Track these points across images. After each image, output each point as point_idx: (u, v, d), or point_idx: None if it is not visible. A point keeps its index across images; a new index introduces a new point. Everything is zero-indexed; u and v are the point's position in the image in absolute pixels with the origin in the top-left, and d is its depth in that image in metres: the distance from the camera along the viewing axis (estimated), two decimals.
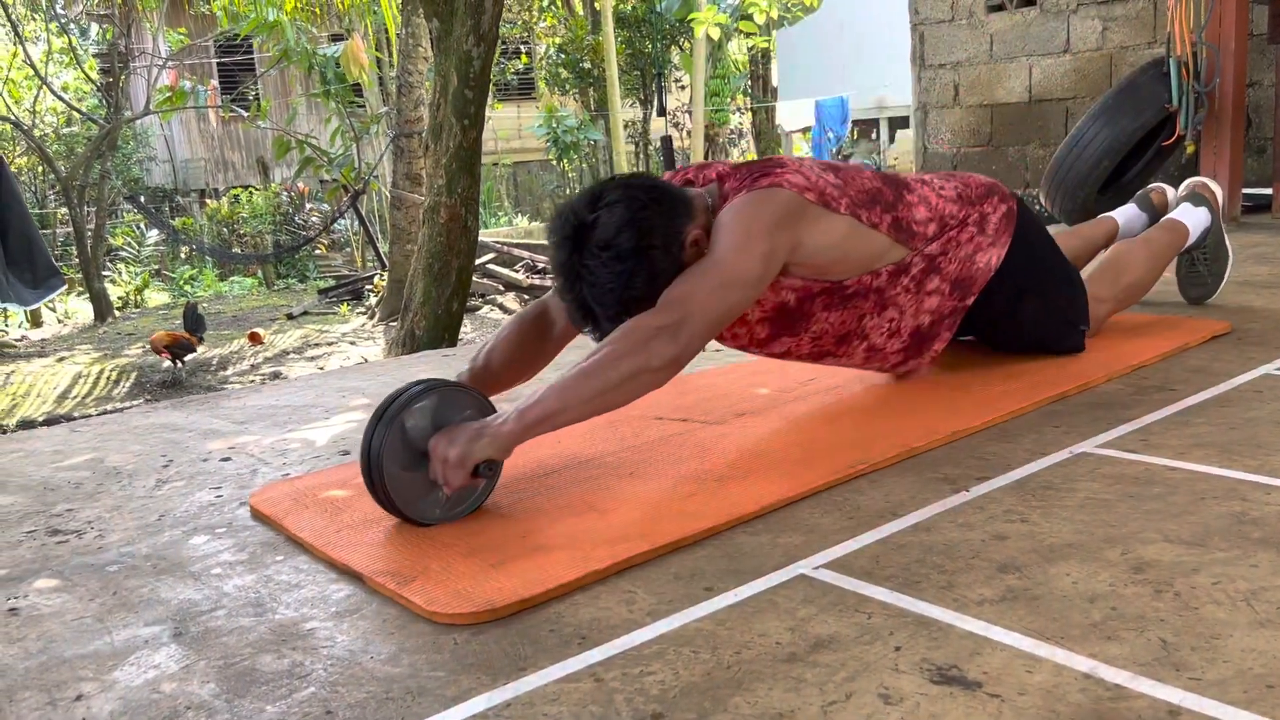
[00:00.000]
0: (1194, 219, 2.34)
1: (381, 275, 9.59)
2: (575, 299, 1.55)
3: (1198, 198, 2.37)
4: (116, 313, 11.05)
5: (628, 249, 1.50)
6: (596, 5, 14.12)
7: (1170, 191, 2.48)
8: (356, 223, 11.86)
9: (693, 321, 1.47)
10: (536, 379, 1.73)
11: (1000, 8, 5.15)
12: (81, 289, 11.33)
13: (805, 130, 16.86)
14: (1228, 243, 2.44)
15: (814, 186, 1.64)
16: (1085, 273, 2.17)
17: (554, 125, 14.20)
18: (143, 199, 13.78)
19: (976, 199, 1.88)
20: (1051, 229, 2.21)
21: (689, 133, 15.26)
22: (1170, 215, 2.35)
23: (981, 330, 2.01)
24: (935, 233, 1.80)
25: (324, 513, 1.48)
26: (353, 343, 8.07)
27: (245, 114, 11.29)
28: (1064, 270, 2.03)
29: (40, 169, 13.72)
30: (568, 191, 16.29)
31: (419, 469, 1.40)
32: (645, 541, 1.29)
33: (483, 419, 1.43)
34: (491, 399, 1.53)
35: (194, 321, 7.08)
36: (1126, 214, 2.44)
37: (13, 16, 11.57)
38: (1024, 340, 2.02)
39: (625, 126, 14.75)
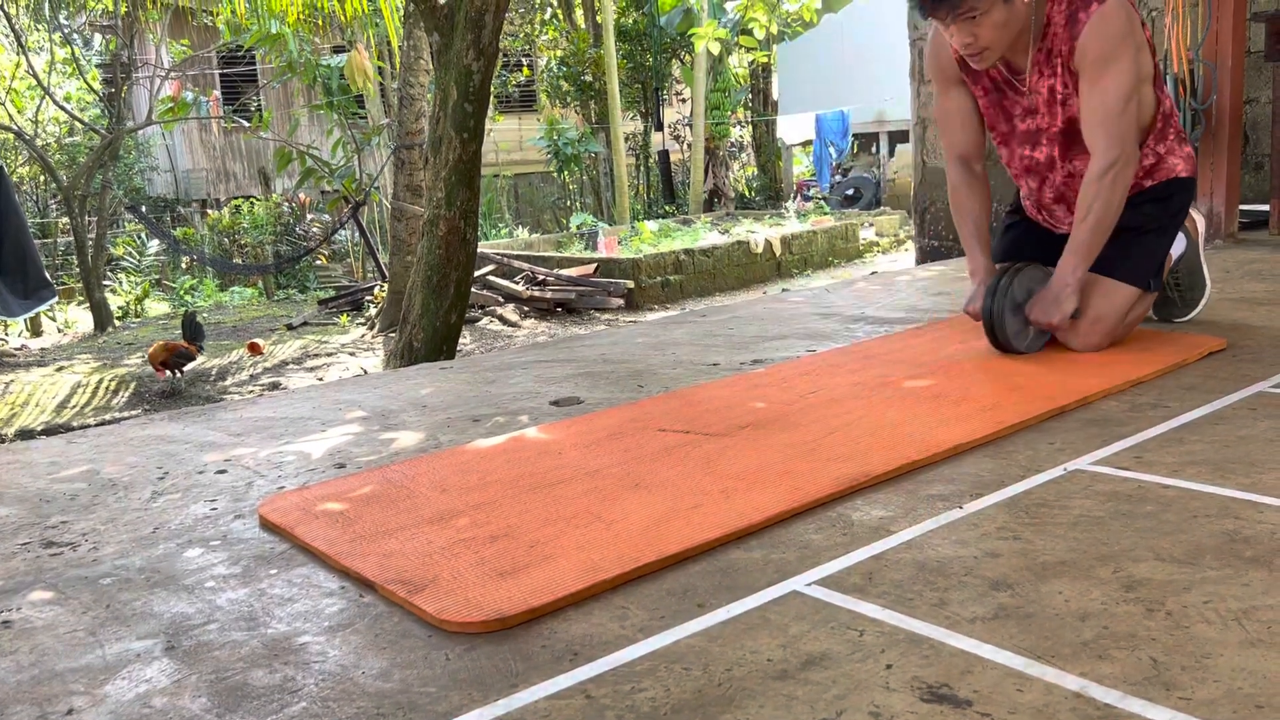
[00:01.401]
0: (1174, 245, 2.39)
1: (381, 286, 9.60)
2: None
3: None
4: (116, 322, 11.05)
5: None
6: (598, 19, 14.18)
7: None
8: (357, 234, 11.88)
9: (1125, 144, 2.07)
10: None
11: None
12: (82, 298, 11.34)
13: (806, 144, 16.91)
14: (1206, 272, 2.48)
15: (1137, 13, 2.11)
16: None
17: (555, 137, 14.24)
18: (144, 209, 13.80)
19: (1181, 125, 2.31)
20: None
21: (689, 146, 15.30)
22: None
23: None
24: (1169, 109, 2.23)
25: (335, 523, 1.49)
26: (352, 354, 8.07)
27: (247, 125, 11.32)
28: (1174, 242, 2.34)
29: (42, 178, 13.75)
30: (568, 204, 16.33)
31: (1019, 320, 2.17)
32: (653, 552, 1.29)
33: (1049, 286, 2.13)
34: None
35: (193, 331, 7.08)
36: None
37: (16, 27, 11.62)
38: (1131, 226, 2.21)
39: (626, 139, 14.79)
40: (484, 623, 1.14)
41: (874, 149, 15.57)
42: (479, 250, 7.28)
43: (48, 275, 8.34)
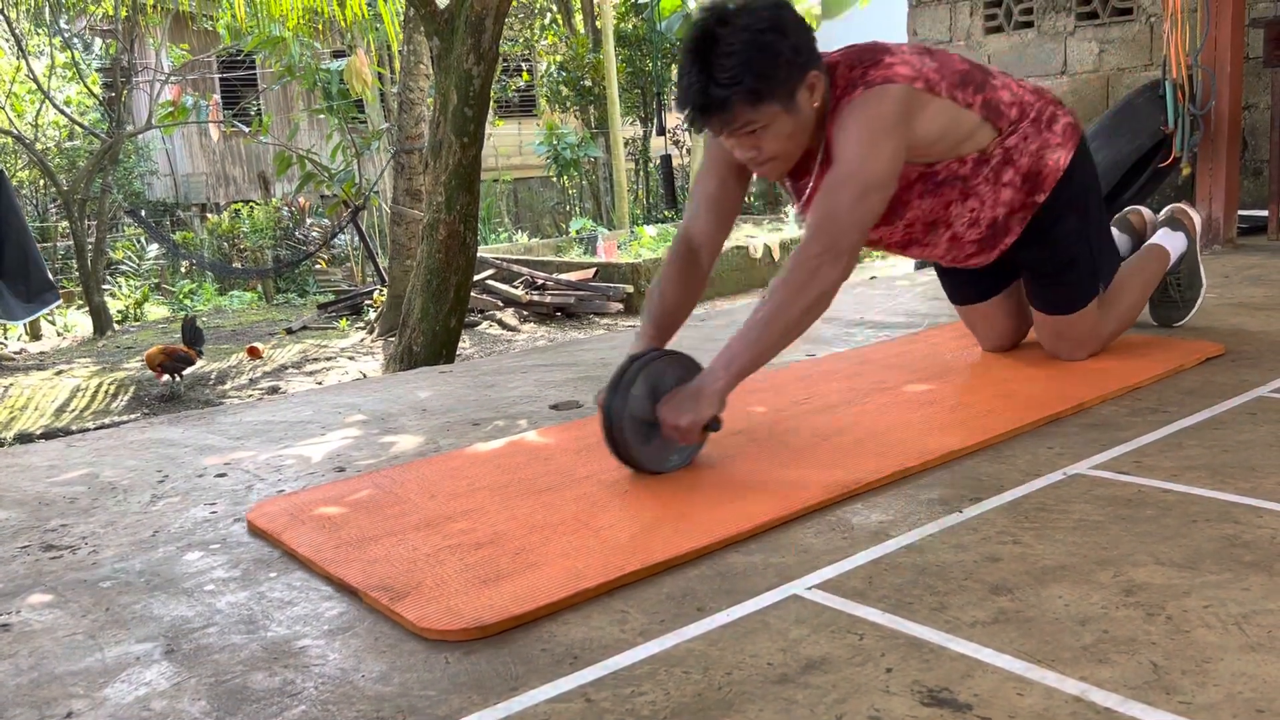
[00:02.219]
0: (1172, 243, 2.39)
1: (381, 291, 9.60)
2: (699, 81, 1.63)
3: (1175, 222, 2.43)
4: (116, 326, 11.05)
5: (764, 25, 1.62)
6: (598, 24, 14.20)
7: (1147, 213, 2.53)
8: (356, 238, 11.88)
9: (846, 237, 1.66)
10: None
11: (998, 29, 5.18)
12: (81, 302, 11.34)
13: None
14: (1202, 270, 2.47)
15: (920, 74, 1.78)
16: None
17: (555, 142, 14.25)
18: (143, 213, 13.80)
19: (1050, 99, 2.02)
20: None
21: (689, 150, 15.31)
22: (1152, 241, 2.40)
23: (1020, 244, 2.06)
24: (1016, 116, 1.94)
25: (321, 529, 1.48)
26: (351, 358, 8.07)
27: (247, 129, 11.32)
28: (1102, 217, 2.14)
29: (42, 182, 13.75)
30: (568, 208, 16.34)
31: (654, 436, 1.62)
32: (638, 560, 1.29)
33: (694, 381, 1.63)
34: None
35: (192, 335, 7.07)
36: None
37: (16, 31, 11.63)
38: (1054, 259, 2.07)
39: (625, 144, 14.79)
40: (464, 630, 1.14)
41: None
42: (478, 255, 7.28)
43: (51, 278, 8.34)
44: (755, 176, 1.89)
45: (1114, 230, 2.47)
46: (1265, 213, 4.14)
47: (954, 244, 2.03)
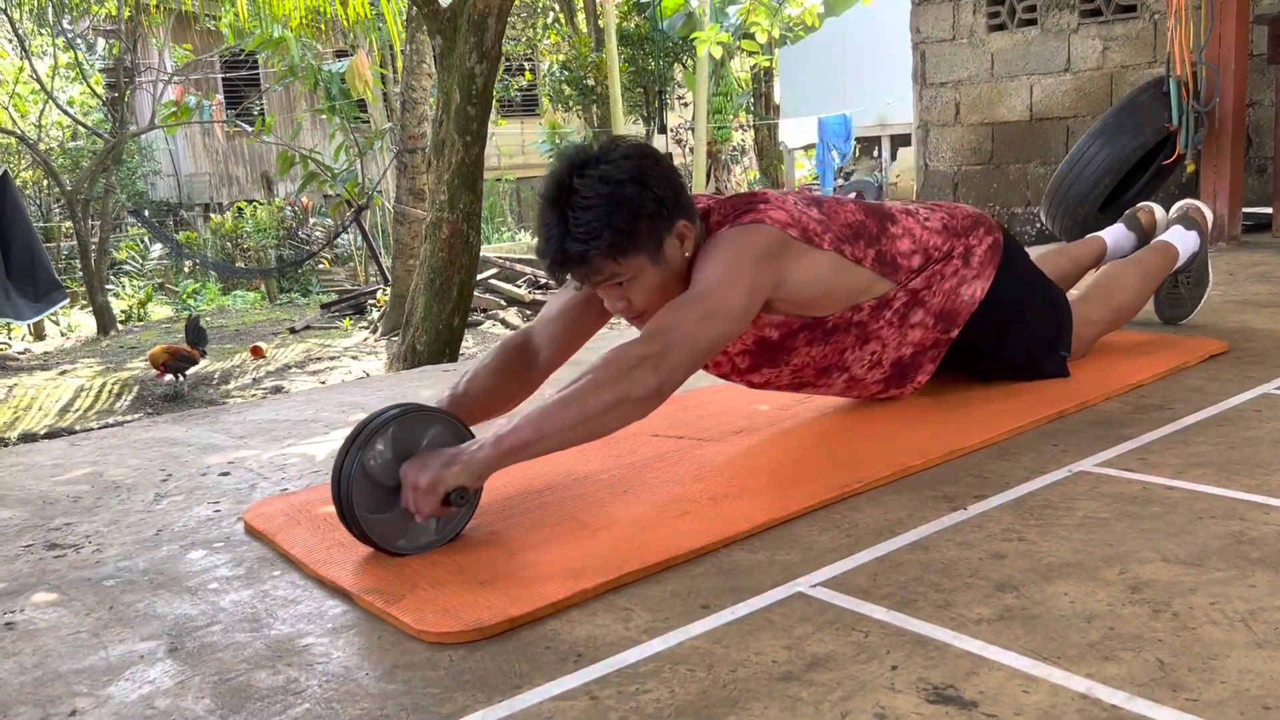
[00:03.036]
0: (1184, 242, 2.34)
1: (384, 290, 9.60)
2: (556, 234, 1.49)
3: (1189, 221, 2.37)
4: (119, 326, 11.06)
5: (623, 175, 1.49)
6: (600, 23, 14.20)
7: (1158, 211, 2.49)
8: (359, 238, 11.89)
9: (677, 352, 1.44)
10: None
11: (1001, 27, 5.17)
12: (85, 302, 11.35)
13: (808, 148, 16.91)
14: (1210, 267, 2.45)
15: (797, 222, 1.63)
16: (1076, 292, 2.17)
17: (557, 141, 14.25)
18: (147, 213, 13.82)
19: (962, 231, 1.86)
20: (1042, 248, 2.19)
21: (691, 150, 15.30)
22: (1162, 237, 2.36)
23: (963, 362, 1.95)
24: (919, 265, 1.78)
25: (316, 530, 1.48)
26: (355, 357, 8.08)
27: (250, 129, 11.34)
28: (1046, 295, 2.01)
29: (45, 183, 13.77)
30: None
31: (393, 503, 1.36)
32: (636, 560, 1.28)
33: (457, 445, 1.40)
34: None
35: (196, 335, 7.08)
36: (1115, 234, 2.44)
37: (20, 31, 11.65)
38: (1005, 370, 1.99)
39: None
40: (462, 633, 1.13)
41: (876, 153, 15.57)
42: (481, 254, 7.28)
43: (57, 277, 8.35)
44: None
45: (1123, 228, 2.45)
46: (1269, 210, 4.13)
47: (853, 385, 1.86)
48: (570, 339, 1.71)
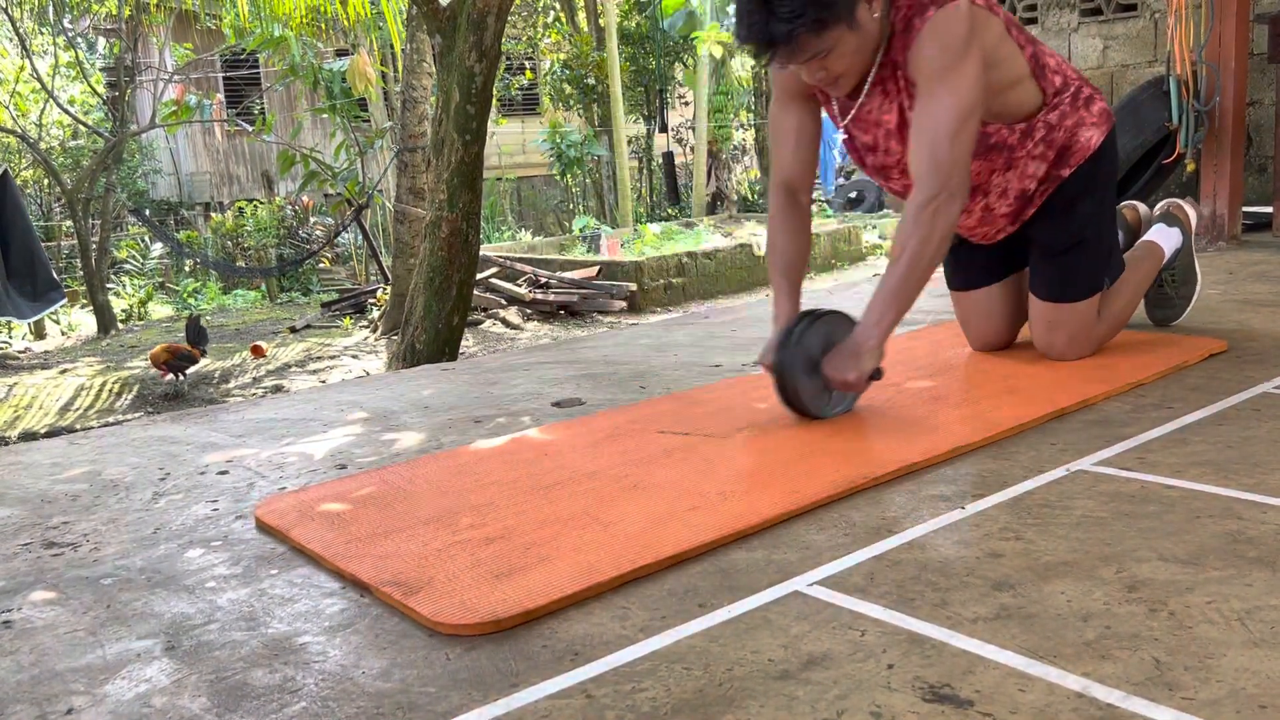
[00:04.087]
0: (1167, 239, 2.35)
1: (384, 289, 9.60)
2: (760, 18, 1.66)
3: (1171, 218, 2.38)
4: (120, 325, 11.07)
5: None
6: (601, 22, 14.19)
7: (1142, 208, 2.49)
8: (360, 237, 11.88)
9: (955, 174, 1.72)
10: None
11: None
12: (85, 301, 11.36)
13: None
14: (1197, 266, 2.43)
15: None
16: None
17: (558, 141, 14.25)
18: (147, 212, 13.83)
19: (1087, 80, 2.06)
20: None
21: (692, 149, 15.30)
22: (1146, 238, 2.36)
23: (1037, 216, 2.07)
24: (1059, 86, 1.96)
25: (331, 525, 1.48)
26: (355, 356, 8.08)
27: (250, 128, 11.33)
28: (1115, 211, 2.18)
29: (46, 182, 13.77)
30: (571, 207, 16.33)
31: (815, 380, 1.80)
32: (649, 553, 1.29)
33: (851, 337, 1.77)
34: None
35: (196, 334, 7.09)
36: None
37: (21, 30, 11.65)
38: (1066, 235, 2.07)
39: (629, 142, 14.79)
40: (479, 625, 1.14)
41: None
42: (481, 253, 7.27)
43: (56, 277, 8.36)
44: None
45: None
46: (1270, 209, 4.12)
47: (986, 215, 2.06)
48: (812, 155, 2.00)
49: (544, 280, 9.27)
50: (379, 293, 9.84)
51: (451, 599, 1.20)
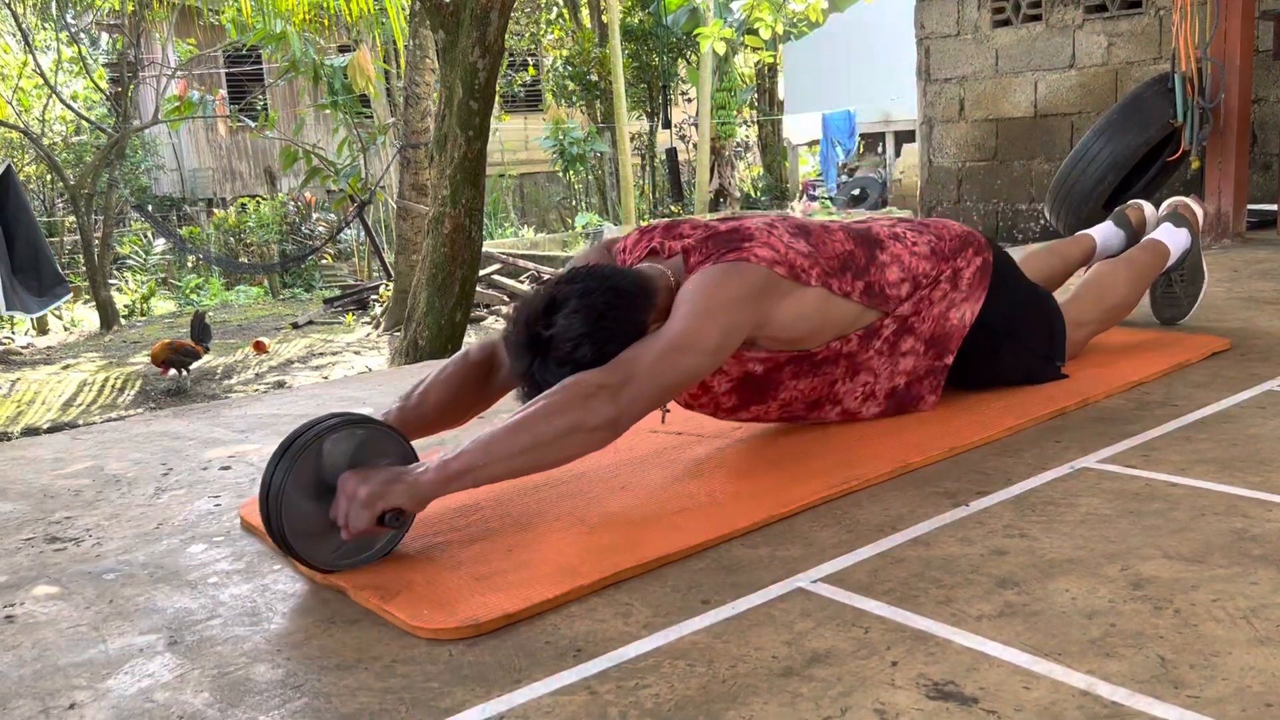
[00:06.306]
0: (1175, 240, 2.30)
1: (386, 285, 9.61)
2: (533, 362, 1.44)
3: (1179, 218, 2.33)
4: (122, 321, 11.08)
5: (587, 362, 1.41)
6: (604, 19, 14.18)
7: (1148, 208, 2.46)
8: (362, 233, 11.89)
9: (637, 383, 1.38)
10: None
11: (1006, 23, 5.16)
12: (88, 297, 11.37)
13: (812, 144, 16.89)
14: (1204, 265, 2.41)
15: (784, 260, 1.57)
16: (1068, 293, 2.15)
17: (560, 137, 14.25)
18: (150, 208, 13.84)
19: (950, 254, 1.81)
20: (1030, 247, 2.13)
21: (695, 145, 15.29)
22: (1151, 236, 2.32)
23: (959, 380, 1.90)
24: (908, 293, 1.73)
25: None
26: (357, 352, 8.08)
27: (253, 124, 11.34)
28: (1039, 309, 1.97)
29: (49, 177, 13.79)
30: (574, 203, 16.34)
31: (323, 503, 1.28)
32: (633, 556, 1.27)
33: (403, 466, 1.33)
34: (416, 442, 1.44)
35: (200, 331, 7.10)
36: (1104, 232, 2.41)
37: (23, 26, 11.65)
38: (1001, 383, 1.95)
39: (631, 139, 14.79)
40: (457, 629, 1.13)
41: (880, 149, 15.55)
42: (484, 249, 7.27)
43: (61, 271, 8.38)
44: None
45: (1112, 226, 2.43)
46: (1275, 207, 4.11)
47: (849, 418, 1.79)
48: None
49: (546, 277, 9.27)
50: (381, 289, 9.85)
51: (431, 603, 1.19)
